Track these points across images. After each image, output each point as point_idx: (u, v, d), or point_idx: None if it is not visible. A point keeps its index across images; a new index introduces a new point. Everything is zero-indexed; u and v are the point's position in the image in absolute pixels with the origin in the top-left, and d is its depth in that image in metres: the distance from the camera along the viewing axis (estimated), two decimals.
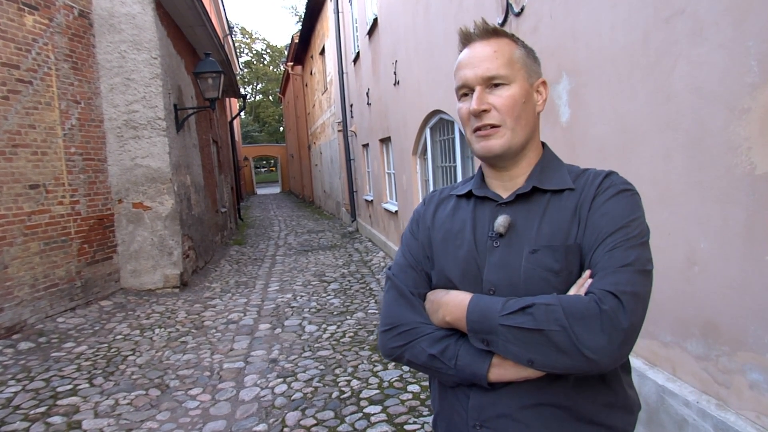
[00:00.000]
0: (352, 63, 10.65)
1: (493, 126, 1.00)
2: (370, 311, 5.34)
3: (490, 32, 1.03)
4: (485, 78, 1.00)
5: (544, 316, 0.87)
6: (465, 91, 1.03)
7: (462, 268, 1.04)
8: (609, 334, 0.84)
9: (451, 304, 0.99)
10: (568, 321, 0.86)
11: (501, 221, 1.01)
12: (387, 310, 1.09)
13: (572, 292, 0.93)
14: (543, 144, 1.12)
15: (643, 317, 0.89)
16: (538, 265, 0.96)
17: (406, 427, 2.99)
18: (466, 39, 1.05)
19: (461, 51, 1.06)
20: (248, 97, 45.26)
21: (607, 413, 0.97)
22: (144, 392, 3.60)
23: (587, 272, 0.93)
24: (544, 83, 1.07)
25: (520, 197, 1.04)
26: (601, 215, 0.96)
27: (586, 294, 0.89)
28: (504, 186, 1.07)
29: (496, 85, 1.00)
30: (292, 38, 18.77)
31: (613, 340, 0.84)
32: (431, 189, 6.17)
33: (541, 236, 0.98)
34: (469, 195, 1.11)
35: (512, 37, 1.05)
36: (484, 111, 1.00)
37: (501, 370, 0.94)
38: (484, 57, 1.00)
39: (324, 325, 4.95)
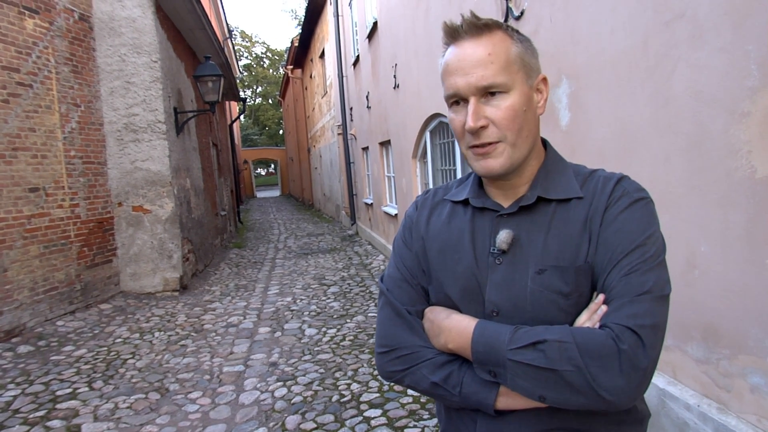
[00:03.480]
0: (352, 66, 10.66)
1: (491, 143, 0.89)
2: (369, 314, 5.33)
3: (480, 27, 0.88)
4: (480, 88, 0.87)
5: (558, 354, 0.81)
6: (456, 99, 0.90)
7: (461, 285, 0.96)
8: (628, 375, 0.78)
9: (454, 330, 0.92)
10: (584, 360, 0.79)
11: (504, 237, 0.92)
12: (383, 330, 1.00)
13: (584, 318, 0.86)
14: (545, 143, 1.00)
15: (661, 347, 0.83)
16: (545, 287, 0.88)
17: (406, 431, 2.98)
18: (453, 35, 0.90)
19: (446, 48, 0.92)
20: (248, 100, 45.30)
21: (617, 429, 0.94)
22: (144, 396, 3.59)
23: (600, 297, 0.86)
24: (544, 80, 0.94)
25: (523, 208, 0.94)
26: (614, 232, 0.87)
27: (601, 326, 0.83)
28: (504, 194, 0.97)
29: (493, 94, 0.87)
30: (292, 42, 18.81)
31: (632, 381, 0.79)
32: None
33: (548, 254, 0.89)
34: (466, 201, 1.01)
35: (506, 29, 0.90)
36: (482, 128, 0.88)
37: (509, 400, 0.88)
38: (476, 62, 0.86)
39: (324, 329, 4.94)
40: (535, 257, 0.90)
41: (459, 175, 5.26)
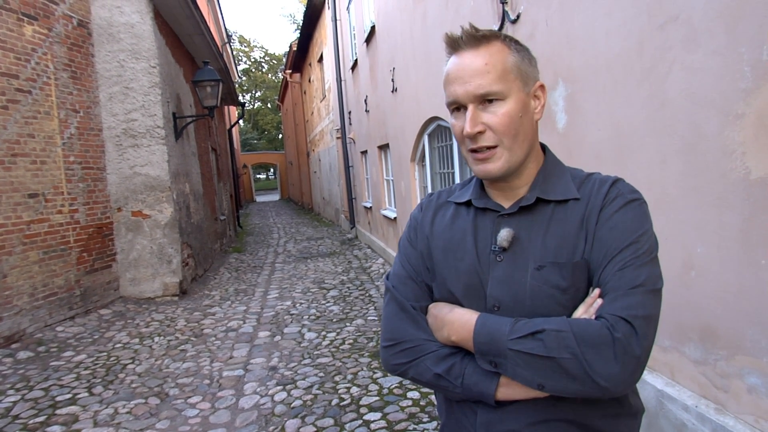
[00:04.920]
0: (350, 70, 10.69)
1: (489, 147, 0.94)
2: (369, 318, 5.34)
3: (479, 38, 0.93)
4: (477, 96, 0.92)
5: (555, 343, 0.85)
6: (457, 106, 0.96)
7: (464, 282, 1.00)
8: (622, 362, 0.83)
9: (457, 323, 0.96)
10: (580, 348, 0.84)
11: (504, 235, 0.97)
12: (388, 324, 1.04)
13: (580, 311, 0.90)
14: (544, 148, 1.06)
15: (654, 338, 0.88)
16: (544, 283, 0.93)
17: None
18: (453, 46, 0.96)
19: (449, 58, 0.98)
20: (247, 104, 45.40)
21: (613, 422, 0.97)
22: (143, 401, 3.59)
23: (596, 291, 0.90)
24: (542, 87, 0.99)
25: (523, 208, 0.99)
26: (609, 229, 0.92)
27: (597, 317, 0.87)
28: (505, 195, 1.02)
29: (490, 101, 0.93)
30: (291, 46, 18.85)
31: (627, 368, 0.83)
32: None
33: (547, 251, 0.94)
34: (468, 203, 1.06)
35: (504, 40, 0.95)
36: (479, 133, 0.93)
37: (509, 390, 0.92)
38: (474, 71, 0.92)
39: (323, 332, 4.94)
40: (534, 254, 0.95)
41: (457, 178, 5.28)
